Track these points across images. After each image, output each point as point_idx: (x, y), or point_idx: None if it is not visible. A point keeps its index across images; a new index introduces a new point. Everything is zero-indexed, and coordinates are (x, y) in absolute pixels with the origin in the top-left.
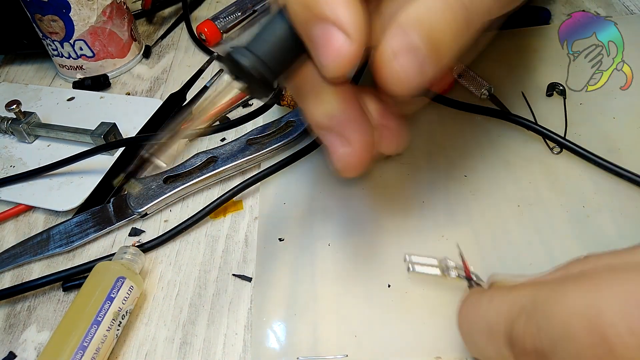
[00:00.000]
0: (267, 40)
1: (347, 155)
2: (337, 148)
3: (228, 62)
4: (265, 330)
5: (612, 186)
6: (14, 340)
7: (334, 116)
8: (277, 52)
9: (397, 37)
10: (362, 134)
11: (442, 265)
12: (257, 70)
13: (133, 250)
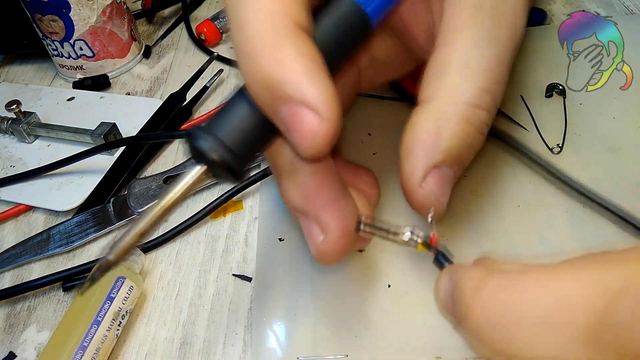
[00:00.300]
0: (231, 121)
1: (326, 244)
2: (314, 236)
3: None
4: (265, 330)
5: (612, 186)
6: (14, 340)
7: (309, 199)
8: (242, 135)
9: (433, 174)
10: (340, 219)
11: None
12: (219, 156)
13: (133, 250)
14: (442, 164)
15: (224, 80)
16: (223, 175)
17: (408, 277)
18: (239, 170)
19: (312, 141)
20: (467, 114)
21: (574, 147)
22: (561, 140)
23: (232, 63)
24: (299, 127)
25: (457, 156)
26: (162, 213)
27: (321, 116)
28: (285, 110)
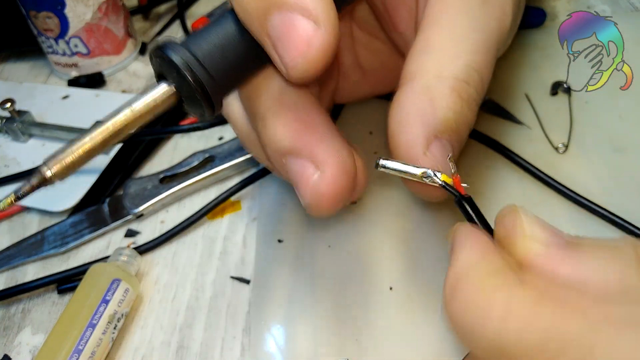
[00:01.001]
0: (211, 40)
1: (322, 182)
2: (307, 176)
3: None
4: (264, 333)
5: (617, 186)
6: (8, 343)
7: (301, 135)
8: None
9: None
10: (337, 154)
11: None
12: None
13: (129, 252)
14: (442, 136)
15: None
16: (193, 102)
17: (410, 280)
18: (214, 98)
19: (306, 53)
20: (458, 87)
21: (580, 147)
22: (566, 139)
23: None
24: (292, 36)
25: (455, 129)
26: (116, 132)
27: (318, 23)
28: (277, 20)
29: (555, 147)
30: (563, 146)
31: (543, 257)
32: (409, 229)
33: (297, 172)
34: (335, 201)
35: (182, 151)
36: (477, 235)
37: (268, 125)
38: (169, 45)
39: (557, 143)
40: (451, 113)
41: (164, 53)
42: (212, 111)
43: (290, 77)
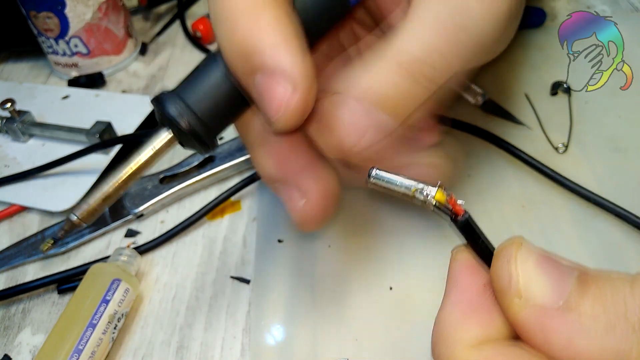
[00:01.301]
0: (202, 89)
1: (307, 207)
2: (294, 202)
3: (157, 110)
4: (264, 333)
5: (617, 186)
6: (8, 343)
7: (284, 166)
8: (212, 104)
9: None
10: (320, 181)
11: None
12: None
13: (129, 252)
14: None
15: None
16: (191, 144)
17: (410, 280)
18: (208, 141)
19: (284, 113)
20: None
21: (580, 147)
22: (566, 139)
23: None
24: (271, 97)
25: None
26: (127, 178)
27: (294, 86)
28: (259, 79)
29: (555, 147)
30: (563, 146)
31: (535, 326)
32: (408, 229)
33: (285, 198)
34: (320, 221)
35: (182, 151)
36: (468, 278)
37: (255, 156)
38: (165, 97)
39: (557, 143)
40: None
41: (159, 105)
42: (207, 150)
43: (272, 128)
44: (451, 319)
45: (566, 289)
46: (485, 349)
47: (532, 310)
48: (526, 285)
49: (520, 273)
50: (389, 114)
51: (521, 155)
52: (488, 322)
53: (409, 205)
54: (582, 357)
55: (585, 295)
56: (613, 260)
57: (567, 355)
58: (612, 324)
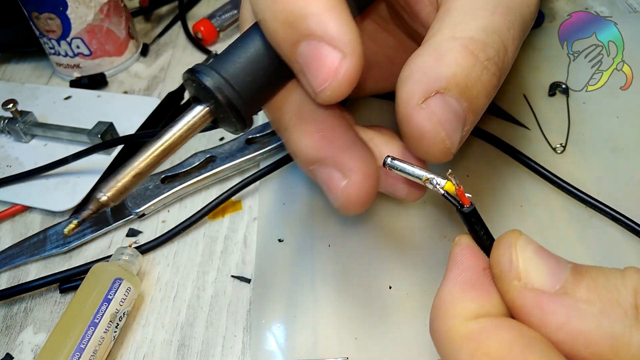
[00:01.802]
0: (239, 61)
1: (350, 188)
2: (335, 183)
3: (191, 83)
4: (265, 332)
5: (615, 186)
6: (10, 342)
7: (325, 145)
8: (250, 77)
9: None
10: (363, 161)
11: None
12: (225, 96)
13: (130, 251)
14: (447, 92)
15: None
16: (227, 120)
17: (409, 279)
18: (245, 115)
19: (331, 81)
20: (471, 46)
21: (577, 147)
22: (564, 140)
23: None
24: (318, 65)
25: (464, 87)
26: (160, 154)
27: (344, 53)
28: (304, 48)
29: (553, 147)
30: (561, 146)
31: (533, 307)
32: (408, 228)
33: (325, 179)
34: (363, 203)
35: (183, 151)
36: (469, 261)
37: (292, 136)
38: (201, 69)
39: (555, 143)
40: (460, 69)
41: (196, 77)
42: (244, 127)
43: (317, 100)
44: (451, 294)
45: (562, 276)
46: (481, 321)
47: (530, 292)
48: (525, 268)
49: (520, 258)
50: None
51: (519, 157)
52: (486, 299)
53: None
54: (577, 337)
55: (579, 284)
56: (610, 260)
57: (562, 334)
58: (606, 308)
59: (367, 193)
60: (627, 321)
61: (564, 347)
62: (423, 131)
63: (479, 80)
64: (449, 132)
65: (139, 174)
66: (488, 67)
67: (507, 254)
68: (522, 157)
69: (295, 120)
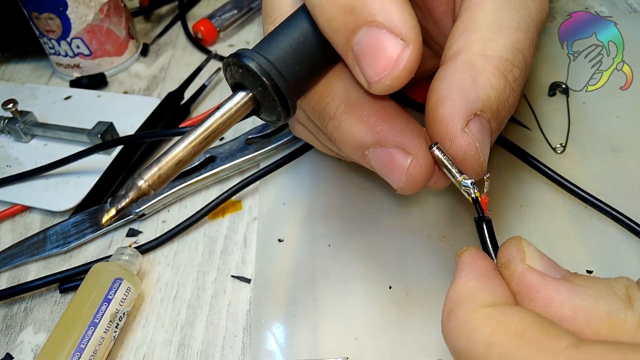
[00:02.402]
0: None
1: (416, 165)
2: (399, 162)
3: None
4: (265, 332)
5: (615, 186)
6: (10, 342)
7: (384, 127)
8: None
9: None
10: (422, 138)
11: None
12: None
13: (130, 251)
14: (482, 114)
15: (223, 79)
16: (271, 107)
17: (409, 279)
18: (290, 101)
19: (392, 70)
20: (502, 67)
21: (577, 147)
22: (564, 140)
23: None
24: (378, 54)
25: (495, 109)
26: (202, 142)
27: (407, 42)
28: (364, 36)
29: (553, 147)
30: (561, 146)
31: (539, 284)
32: (408, 228)
33: (386, 161)
34: (427, 179)
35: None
36: (479, 261)
37: (343, 123)
38: (245, 52)
39: (555, 143)
40: (494, 91)
41: (241, 61)
42: (288, 114)
43: (371, 90)
44: (467, 286)
45: (561, 271)
46: (499, 307)
47: (536, 272)
48: (530, 256)
49: (526, 249)
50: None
51: (520, 154)
52: (501, 291)
53: (410, 206)
54: (579, 312)
55: (576, 277)
56: (610, 259)
57: (566, 309)
58: (602, 293)
59: (431, 169)
60: (621, 303)
61: (568, 325)
62: (465, 156)
63: (507, 101)
64: (484, 153)
65: (181, 162)
66: (514, 89)
67: (515, 245)
68: (522, 154)
69: (345, 107)
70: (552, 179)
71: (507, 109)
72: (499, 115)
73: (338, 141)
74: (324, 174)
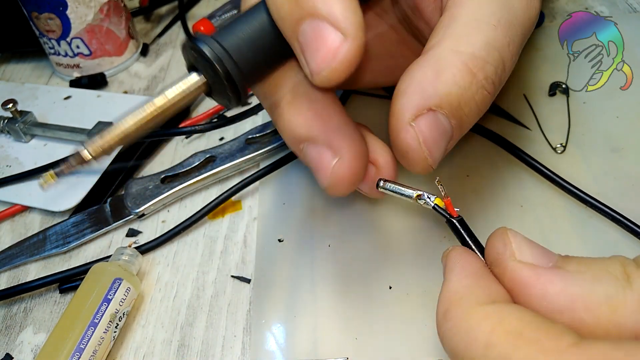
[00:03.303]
0: (241, 35)
1: (340, 167)
2: (325, 161)
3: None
4: (265, 332)
5: (615, 186)
6: (10, 342)
7: (318, 123)
8: (251, 51)
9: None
10: (354, 141)
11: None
12: (223, 66)
13: (130, 251)
14: (438, 109)
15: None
16: (222, 93)
17: (409, 279)
18: (241, 89)
19: (329, 63)
20: (471, 63)
21: (578, 147)
22: (564, 140)
23: None
24: (319, 45)
25: (456, 106)
26: (150, 119)
27: (345, 35)
28: (308, 27)
29: (553, 147)
30: (561, 146)
31: (532, 279)
32: (408, 228)
33: (315, 158)
34: (351, 183)
35: (183, 151)
36: (469, 258)
37: (284, 113)
38: (202, 38)
39: (555, 143)
40: (455, 88)
41: (196, 45)
42: (238, 101)
43: (313, 81)
44: (461, 284)
45: (552, 257)
46: (497, 305)
47: (527, 266)
48: (519, 248)
49: (513, 240)
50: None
51: (519, 154)
52: (495, 288)
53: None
54: (576, 301)
55: (569, 262)
56: None
57: (562, 299)
58: (598, 275)
59: (357, 173)
60: (619, 284)
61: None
62: (408, 149)
63: (472, 99)
64: (432, 151)
65: (126, 136)
66: (484, 87)
67: (501, 239)
68: (522, 155)
69: (289, 98)
70: (551, 179)
71: (474, 107)
72: (461, 112)
73: (280, 131)
74: None
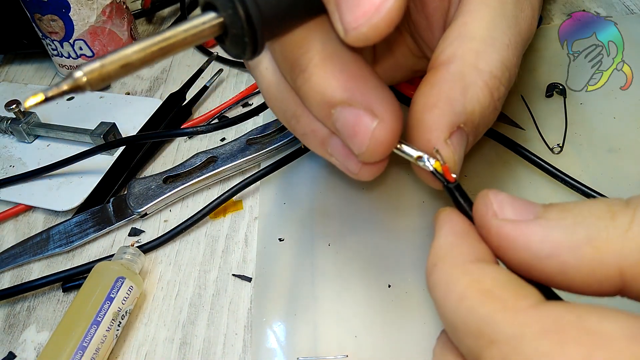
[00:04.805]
0: None
1: (381, 129)
2: (364, 124)
3: None
4: (265, 330)
5: (612, 186)
6: (13, 341)
7: (355, 85)
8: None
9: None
10: (392, 103)
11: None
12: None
13: (133, 250)
14: (464, 127)
15: (224, 80)
16: (237, 38)
17: (408, 277)
18: (260, 37)
19: (372, 17)
20: (491, 83)
21: (574, 147)
22: (561, 140)
23: (231, 63)
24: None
25: (476, 124)
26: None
27: None
28: None
29: (550, 147)
30: (558, 147)
31: (514, 233)
32: (407, 227)
33: (351, 121)
34: (390, 147)
35: (185, 152)
36: (457, 219)
37: (314, 76)
38: None
39: (552, 144)
40: (479, 106)
41: None
42: (254, 51)
43: (347, 38)
44: (448, 242)
45: (534, 209)
46: (479, 265)
47: (508, 223)
48: (500, 207)
49: (494, 200)
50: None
51: (518, 150)
52: (478, 248)
53: (408, 205)
54: (560, 247)
55: (551, 209)
56: None
57: (546, 247)
58: (578, 219)
59: (396, 137)
60: (600, 223)
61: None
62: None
63: (488, 117)
64: (459, 165)
65: (128, 65)
66: (497, 107)
67: (483, 201)
68: (520, 150)
69: (318, 60)
70: (550, 172)
71: (486, 125)
72: (478, 130)
73: (305, 96)
74: (323, 174)
